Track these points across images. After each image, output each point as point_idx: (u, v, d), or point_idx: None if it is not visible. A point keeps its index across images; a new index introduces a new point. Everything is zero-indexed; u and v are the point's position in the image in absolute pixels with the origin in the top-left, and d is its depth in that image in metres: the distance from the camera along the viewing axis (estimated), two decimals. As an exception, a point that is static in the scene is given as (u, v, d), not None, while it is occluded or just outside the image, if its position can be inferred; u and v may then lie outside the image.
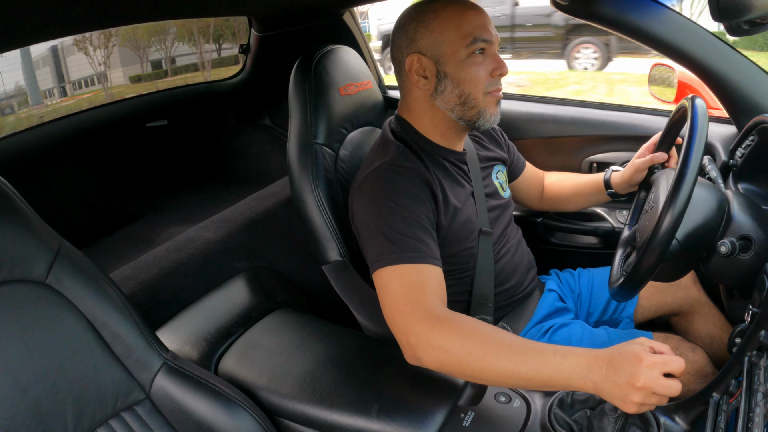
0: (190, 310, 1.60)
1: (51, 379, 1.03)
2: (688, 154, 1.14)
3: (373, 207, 1.30)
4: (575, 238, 2.22)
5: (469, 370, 1.09)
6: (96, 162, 2.90)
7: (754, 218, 1.29)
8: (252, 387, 1.30)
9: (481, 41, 1.32)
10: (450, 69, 1.34)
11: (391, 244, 1.23)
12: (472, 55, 1.33)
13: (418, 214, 1.28)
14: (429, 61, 1.35)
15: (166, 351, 1.17)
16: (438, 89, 1.37)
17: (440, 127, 1.44)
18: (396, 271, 1.21)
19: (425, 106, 1.42)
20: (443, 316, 1.14)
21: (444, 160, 1.45)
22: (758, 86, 1.65)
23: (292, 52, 1.68)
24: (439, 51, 1.33)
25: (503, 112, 2.21)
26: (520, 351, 1.05)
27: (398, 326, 1.17)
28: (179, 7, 1.68)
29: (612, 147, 2.11)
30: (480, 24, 1.33)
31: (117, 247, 2.63)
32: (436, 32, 1.33)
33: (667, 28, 1.64)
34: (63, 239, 1.11)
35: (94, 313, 1.09)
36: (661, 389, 0.95)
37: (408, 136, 1.43)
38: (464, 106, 1.37)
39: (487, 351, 1.06)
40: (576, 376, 1.00)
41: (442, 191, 1.38)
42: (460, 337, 1.09)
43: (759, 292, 1.15)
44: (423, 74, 1.37)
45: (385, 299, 1.22)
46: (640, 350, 0.97)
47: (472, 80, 1.34)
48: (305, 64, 1.57)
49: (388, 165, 1.35)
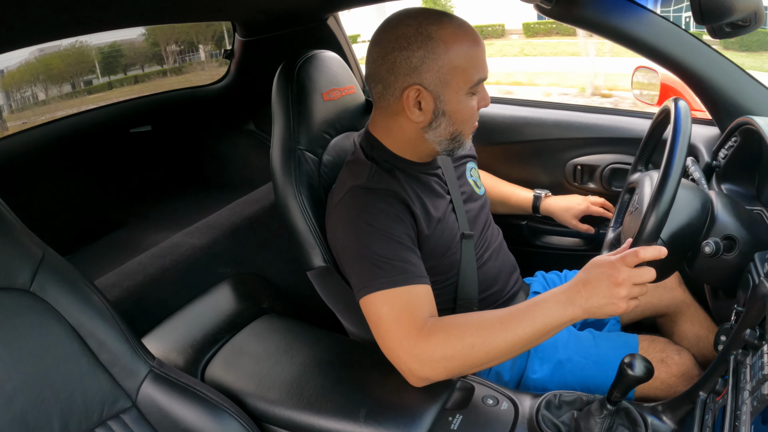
0: (176, 317, 1.59)
1: (36, 388, 1.02)
2: (671, 155, 1.15)
3: (352, 233, 1.28)
4: (560, 241, 2.23)
5: (478, 361, 1.13)
6: (79, 168, 2.87)
7: (737, 218, 1.30)
8: (239, 393, 1.29)
9: (484, 80, 1.31)
10: (449, 108, 1.29)
11: (376, 269, 1.21)
12: (472, 95, 1.31)
13: (398, 234, 1.26)
14: (429, 96, 1.27)
15: (152, 358, 1.16)
16: (432, 125, 1.32)
17: (418, 152, 1.41)
18: (384, 296, 1.19)
19: (412, 136, 1.36)
20: (434, 327, 1.15)
21: (419, 173, 1.42)
22: (740, 88, 1.66)
23: (276, 57, 1.67)
24: (443, 90, 1.27)
25: (488, 116, 2.24)
26: (511, 320, 1.12)
27: (395, 353, 1.17)
28: (163, 12, 1.68)
29: (596, 149, 2.12)
30: (484, 62, 1.30)
31: (101, 254, 2.60)
32: (444, 70, 1.25)
33: (650, 30, 1.65)
34: (47, 246, 1.10)
35: (79, 321, 1.08)
36: (639, 277, 1.06)
37: (378, 155, 1.39)
38: (453, 141, 1.34)
39: (486, 337, 1.11)
40: (563, 312, 1.10)
41: (422, 206, 1.36)
42: (458, 339, 1.12)
43: (743, 291, 1.17)
44: (418, 107, 1.29)
45: (376, 326, 1.20)
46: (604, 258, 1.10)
47: (468, 119, 1.33)
48: (288, 70, 1.56)
49: (361, 188, 1.31)
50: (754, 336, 0.99)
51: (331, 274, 1.48)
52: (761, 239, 1.27)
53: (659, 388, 1.42)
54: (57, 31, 1.50)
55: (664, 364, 1.43)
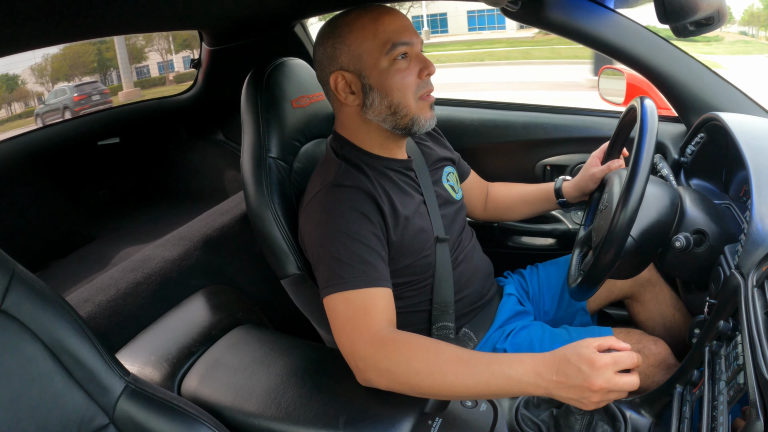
0: (150, 331, 1.57)
1: (11, 409, 0.99)
2: (639, 153, 1.17)
3: (319, 232, 1.29)
4: (532, 241, 2.25)
5: (419, 389, 1.11)
6: (47, 182, 2.84)
7: (706, 213, 1.32)
8: (216, 406, 1.28)
9: (401, 45, 1.30)
10: (374, 80, 1.32)
11: (338, 269, 1.23)
12: (394, 62, 1.31)
13: (364, 234, 1.27)
14: (353, 76, 1.33)
15: (127, 374, 1.14)
16: (366, 103, 1.35)
17: (377, 139, 1.42)
18: (343, 297, 1.21)
19: (358, 121, 1.40)
20: (388, 338, 1.15)
21: (388, 170, 1.43)
22: (705, 85, 1.69)
23: (244, 66, 1.67)
24: (361, 64, 1.32)
25: (456, 119, 2.25)
26: (466, 365, 1.07)
27: (346, 350, 1.19)
28: (131, 21, 1.66)
29: (564, 149, 2.14)
30: (397, 28, 1.31)
31: (72, 269, 2.57)
32: (353, 45, 1.31)
33: (615, 31, 1.67)
34: (17, 263, 1.08)
35: (52, 338, 1.06)
36: (618, 387, 0.98)
37: (348, 153, 1.41)
38: (396, 115, 1.35)
39: (433, 369, 1.08)
40: (525, 383, 1.03)
41: (390, 203, 1.36)
42: (405, 359, 1.10)
43: (715, 284, 1.18)
44: (350, 90, 1.35)
45: (333, 324, 1.23)
46: (589, 353, 0.99)
47: (400, 88, 1.32)
48: (257, 78, 1.56)
49: (330, 186, 1.33)
50: (727, 327, 1.01)
51: (305, 282, 1.47)
52: (730, 232, 1.29)
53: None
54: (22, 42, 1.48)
55: (641, 354, 1.43)
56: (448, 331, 1.48)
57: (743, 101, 1.68)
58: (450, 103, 2.36)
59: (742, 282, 1.01)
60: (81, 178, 3.04)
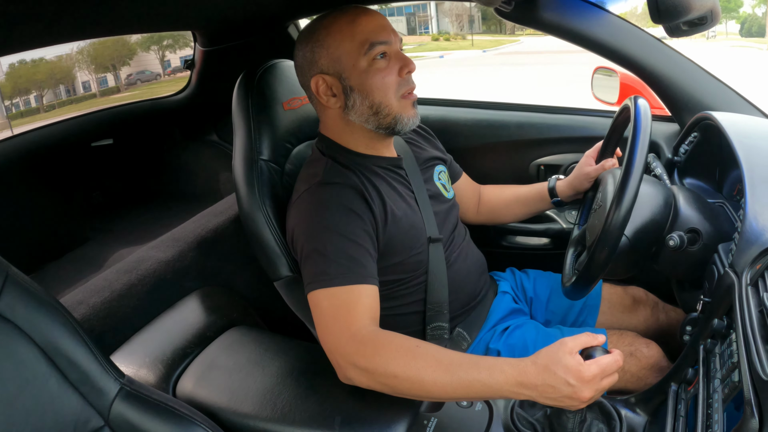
0: (144, 333, 1.57)
1: (6, 412, 0.99)
2: (633, 152, 1.17)
3: (305, 229, 1.29)
4: (526, 240, 2.25)
5: (398, 391, 1.11)
6: (41, 184, 2.83)
7: (700, 211, 1.32)
8: (212, 407, 1.28)
9: (379, 44, 1.30)
10: (354, 82, 1.32)
11: (323, 265, 1.23)
12: (373, 62, 1.31)
13: (351, 230, 1.27)
14: (333, 78, 1.34)
15: (122, 376, 1.14)
16: (348, 104, 1.35)
17: (362, 139, 1.42)
18: (327, 293, 1.21)
19: (341, 123, 1.40)
20: (369, 337, 1.14)
21: (378, 168, 1.43)
22: (698, 84, 1.70)
23: (238, 66, 1.66)
24: (340, 66, 1.32)
25: (450, 119, 2.25)
26: (445, 372, 1.06)
27: (327, 347, 1.19)
28: (125, 22, 1.66)
29: (558, 149, 2.14)
30: (374, 28, 1.31)
31: (66, 271, 2.56)
32: (332, 48, 1.32)
33: (608, 31, 1.68)
34: (10, 265, 1.07)
35: (46, 340, 1.05)
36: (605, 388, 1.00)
37: (335, 152, 1.41)
38: (378, 115, 1.35)
39: (411, 375, 1.07)
40: (506, 392, 1.03)
41: (380, 199, 1.36)
42: (383, 361, 1.10)
43: (709, 282, 1.19)
44: (331, 93, 1.36)
45: (316, 320, 1.22)
46: (575, 365, 0.99)
47: (380, 88, 1.32)
48: (248, 80, 1.56)
49: (318, 184, 1.33)
50: (721, 326, 1.01)
51: (298, 284, 1.47)
52: (724, 231, 1.30)
53: (630, 380, 1.43)
54: (15, 43, 1.47)
55: (634, 357, 1.44)
56: (443, 331, 1.48)
57: (736, 100, 1.68)
58: (443, 103, 2.36)
59: (736, 280, 1.02)
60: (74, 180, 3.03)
